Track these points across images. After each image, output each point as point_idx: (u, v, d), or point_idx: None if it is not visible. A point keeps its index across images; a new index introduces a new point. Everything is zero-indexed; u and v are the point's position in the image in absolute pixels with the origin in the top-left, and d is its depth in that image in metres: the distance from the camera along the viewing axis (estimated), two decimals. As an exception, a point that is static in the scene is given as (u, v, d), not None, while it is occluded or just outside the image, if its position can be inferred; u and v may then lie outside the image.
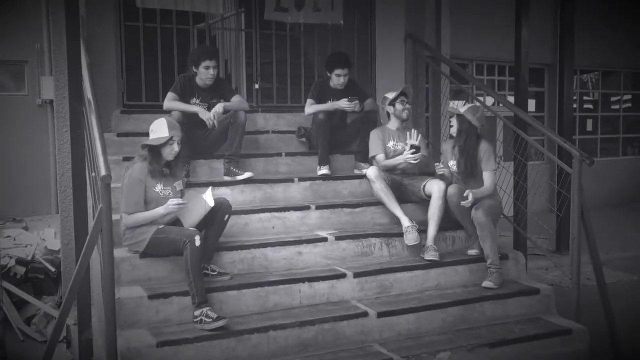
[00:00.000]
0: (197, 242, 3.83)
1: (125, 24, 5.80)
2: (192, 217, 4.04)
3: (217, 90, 5.19)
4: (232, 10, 7.04)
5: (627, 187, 11.85)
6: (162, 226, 4.03)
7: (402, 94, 5.27)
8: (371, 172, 5.00)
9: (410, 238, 4.73)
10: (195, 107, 5.01)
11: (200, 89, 5.12)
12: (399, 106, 5.25)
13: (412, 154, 5.00)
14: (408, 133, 5.12)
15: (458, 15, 9.02)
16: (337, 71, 5.57)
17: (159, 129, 4.14)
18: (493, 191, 4.94)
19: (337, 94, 5.61)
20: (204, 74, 5.04)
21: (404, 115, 5.27)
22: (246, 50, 6.75)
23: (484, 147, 4.90)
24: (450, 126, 5.04)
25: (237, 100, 5.22)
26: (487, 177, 4.89)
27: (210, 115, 4.93)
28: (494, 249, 4.66)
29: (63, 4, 3.91)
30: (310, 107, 5.60)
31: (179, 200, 4.02)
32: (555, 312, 4.70)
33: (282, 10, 6.32)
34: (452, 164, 5.02)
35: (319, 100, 5.63)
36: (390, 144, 5.22)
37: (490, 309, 4.50)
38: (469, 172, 4.90)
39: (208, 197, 4.08)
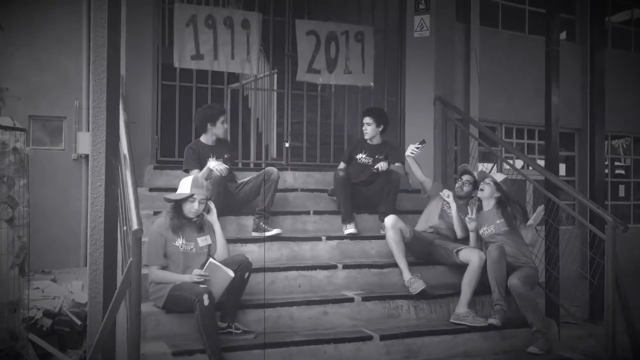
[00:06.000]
0: (206, 302, 3.81)
1: (162, 83, 5.99)
2: (215, 288, 3.99)
3: (224, 146, 5.37)
4: (265, 71, 7.22)
5: (661, 255, 11.52)
6: (179, 282, 4.03)
7: (466, 173, 5.32)
8: (389, 220, 4.94)
9: (416, 287, 4.69)
10: (208, 164, 5.02)
11: (210, 147, 5.26)
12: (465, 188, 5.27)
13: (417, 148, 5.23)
14: (468, 207, 5.12)
15: (487, 79, 9.09)
16: (364, 119, 5.76)
17: (184, 186, 4.23)
18: (529, 260, 4.92)
19: (370, 150, 5.72)
20: (221, 128, 5.25)
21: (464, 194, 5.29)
22: (277, 110, 6.87)
23: (515, 206, 5.01)
24: (481, 190, 5.03)
25: None
26: (528, 230, 4.91)
27: (215, 164, 4.95)
28: (537, 316, 4.59)
29: (105, 65, 4.07)
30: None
31: (201, 272, 4.02)
32: (589, 384, 4.53)
33: (314, 72, 6.48)
34: (485, 229, 4.99)
35: (348, 160, 5.76)
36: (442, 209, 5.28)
37: (521, 378, 4.36)
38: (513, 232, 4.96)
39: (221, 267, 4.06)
